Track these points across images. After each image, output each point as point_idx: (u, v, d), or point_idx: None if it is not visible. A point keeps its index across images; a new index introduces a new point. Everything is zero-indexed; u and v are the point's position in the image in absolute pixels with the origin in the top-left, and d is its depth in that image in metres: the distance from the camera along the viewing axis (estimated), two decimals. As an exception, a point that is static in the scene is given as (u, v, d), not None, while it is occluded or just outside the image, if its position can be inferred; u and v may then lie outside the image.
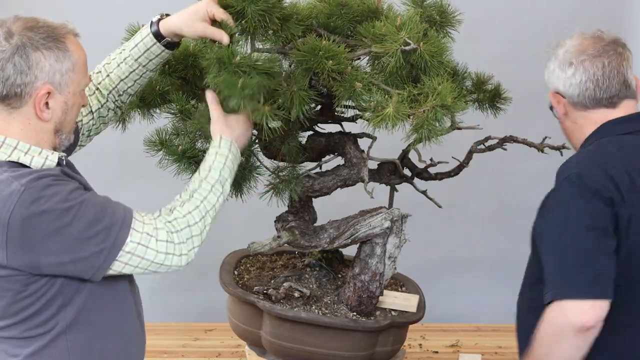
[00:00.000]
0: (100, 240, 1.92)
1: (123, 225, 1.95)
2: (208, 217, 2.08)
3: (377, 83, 2.33)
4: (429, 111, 2.20)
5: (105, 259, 1.94)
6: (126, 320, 2.12)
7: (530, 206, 4.22)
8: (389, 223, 2.57)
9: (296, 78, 2.33)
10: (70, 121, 2.04)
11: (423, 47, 2.26)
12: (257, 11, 2.25)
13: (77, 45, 2.01)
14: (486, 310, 4.26)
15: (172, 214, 2.05)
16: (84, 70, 2.03)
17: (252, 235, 2.68)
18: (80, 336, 2.01)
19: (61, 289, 1.96)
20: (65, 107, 1.99)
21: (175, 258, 2.02)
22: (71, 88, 1.98)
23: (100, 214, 1.93)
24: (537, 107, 4.15)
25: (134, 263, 1.98)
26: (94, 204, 1.94)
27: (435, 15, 2.51)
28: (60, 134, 2.02)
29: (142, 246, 1.97)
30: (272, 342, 2.59)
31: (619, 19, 4.11)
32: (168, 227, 2.01)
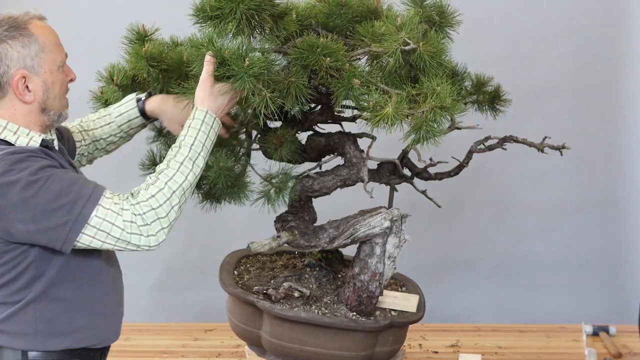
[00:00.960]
0: (65, 213, 2.04)
1: (89, 200, 2.06)
2: (175, 197, 2.14)
3: (375, 82, 2.33)
4: (428, 112, 2.21)
5: (70, 231, 2.05)
6: (98, 296, 2.23)
7: (530, 206, 4.27)
8: (389, 223, 2.57)
9: (295, 75, 2.34)
10: (56, 98, 2.17)
11: (423, 47, 2.26)
12: (245, 11, 2.26)
13: (42, 27, 2.15)
14: (486, 310, 4.26)
15: (138, 197, 2.12)
16: (56, 48, 2.16)
17: (252, 235, 2.68)
18: (49, 307, 2.15)
19: (35, 261, 2.10)
20: (45, 87, 2.14)
21: (143, 238, 2.10)
22: (46, 67, 2.13)
23: (66, 189, 2.05)
24: (536, 107, 4.17)
25: (101, 238, 2.08)
26: (61, 179, 2.06)
27: (434, 15, 2.51)
28: (47, 112, 2.17)
29: (108, 222, 2.07)
30: (271, 342, 2.59)
31: (618, 18, 4.11)
32: (133, 209, 2.09)
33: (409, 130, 2.24)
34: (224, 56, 2.24)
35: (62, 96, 2.21)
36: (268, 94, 2.24)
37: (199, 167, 2.21)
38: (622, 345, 3.39)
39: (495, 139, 2.71)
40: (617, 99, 4.18)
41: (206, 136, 2.24)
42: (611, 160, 4.21)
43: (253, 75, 2.21)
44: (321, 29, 2.50)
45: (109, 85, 2.62)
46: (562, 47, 4.14)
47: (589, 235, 4.24)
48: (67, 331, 2.18)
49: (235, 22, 2.26)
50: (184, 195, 2.16)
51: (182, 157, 2.19)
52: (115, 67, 2.60)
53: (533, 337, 3.52)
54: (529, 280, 4.28)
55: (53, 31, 2.18)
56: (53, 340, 2.17)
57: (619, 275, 4.26)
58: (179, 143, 2.21)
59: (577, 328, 3.58)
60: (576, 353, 3.34)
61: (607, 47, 4.12)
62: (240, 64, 2.21)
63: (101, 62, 2.63)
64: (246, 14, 2.26)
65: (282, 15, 2.39)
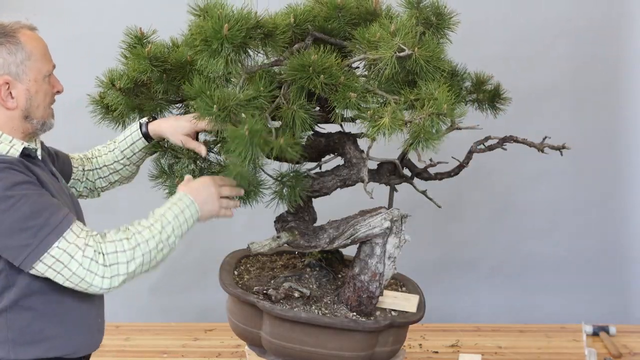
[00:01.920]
0: (29, 236, 2.04)
1: (55, 230, 2.05)
2: (139, 253, 2.13)
3: (373, 89, 2.33)
4: (425, 119, 2.20)
5: (29, 255, 2.05)
6: (71, 307, 2.22)
7: (530, 206, 4.28)
8: (389, 223, 2.57)
9: (293, 97, 2.35)
10: (39, 107, 2.19)
11: (418, 52, 2.25)
12: (232, 48, 2.26)
13: (31, 37, 2.17)
14: (486, 310, 4.27)
15: (106, 237, 2.13)
16: (43, 58, 2.19)
17: (252, 236, 2.69)
18: (20, 316, 2.15)
19: (4, 270, 2.11)
20: (28, 94, 2.17)
21: (97, 278, 2.08)
22: (31, 76, 2.16)
23: (36, 213, 2.05)
24: (536, 107, 4.18)
25: (57, 268, 2.07)
26: (34, 201, 2.06)
27: (431, 17, 2.50)
28: (30, 119, 2.19)
29: (68, 255, 2.06)
30: (272, 342, 2.59)
31: (616, 19, 4.12)
32: (97, 247, 2.09)
33: (408, 138, 2.24)
34: None
35: (47, 106, 2.23)
36: (282, 141, 2.24)
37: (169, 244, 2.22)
38: (622, 345, 3.39)
39: (495, 139, 2.71)
40: (617, 99, 4.18)
41: (186, 229, 2.28)
42: (611, 161, 4.22)
43: (258, 144, 2.20)
44: (318, 33, 2.49)
45: (109, 90, 2.61)
46: (561, 48, 4.14)
47: (589, 235, 4.25)
48: (38, 340, 2.18)
49: (224, 59, 2.27)
50: (146, 261, 2.15)
51: (160, 229, 2.19)
52: (115, 71, 2.58)
53: (533, 337, 3.52)
54: (529, 280, 4.28)
55: (42, 41, 2.21)
56: (24, 349, 2.17)
57: (619, 275, 4.26)
58: (160, 217, 2.21)
59: (577, 328, 3.58)
60: (576, 353, 3.34)
61: (606, 47, 4.13)
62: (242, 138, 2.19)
63: (100, 64, 2.61)
64: (230, 49, 2.27)
65: (270, 33, 2.39)
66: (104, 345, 3.34)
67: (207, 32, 2.25)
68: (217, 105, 2.25)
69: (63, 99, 2.38)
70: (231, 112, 2.26)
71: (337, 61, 2.36)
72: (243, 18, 2.28)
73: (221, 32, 2.23)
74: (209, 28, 2.25)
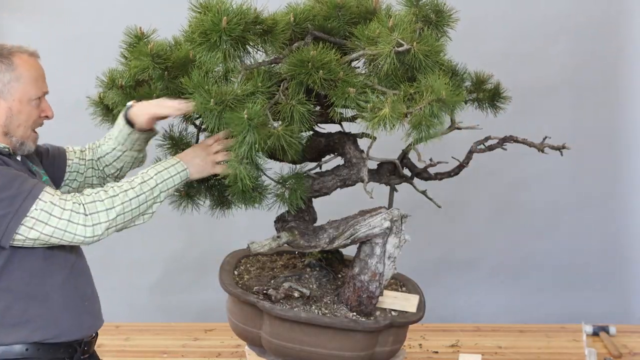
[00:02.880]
0: (5, 206, 2.16)
1: (29, 195, 2.19)
2: (117, 199, 2.26)
3: (372, 85, 2.33)
4: (426, 107, 2.21)
5: (9, 223, 2.17)
6: (52, 286, 2.30)
7: (530, 206, 4.27)
8: (389, 223, 2.57)
9: (291, 92, 2.35)
10: (19, 127, 2.30)
11: (417, 47, 2.26)
12: (230, 41, 2.28)
13: (27, 62, 2.30)
14: (486, 310, 4.27)
15: (85, 191, 2.28)
16: (33, 83, 2.30)
17: (253, 236, 2.68)
18: (1, 298, 2.24)
19: None
20: (9, 112, 2.29)
21: (79, 227, 2.21)
22: (15, 96, 2.28)
23: (8, 184, 2.18)
24: (536, 106, 4.17)
25: (38, 228, 2.19)
26: (3, 174, 2.19)
27: (431, 14, 2.50)
28: (10, 136, 2.30)
29: (46, 212, 2.19)
30: (271, 342, 2.59)
31: (616, 17, 4.11)
32: (76, 199, 2.24)
33: (410, 129, 2.24)
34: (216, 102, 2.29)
35: (28, 127, 2.33)
36: (280, 129, 2.28)
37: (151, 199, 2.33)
38: (622, 345, 3.39)
39: (495, 139, 2.71)
40: (617, 97, 4.18)
41: (172, 184, 2.38)
42: (611, 160, 4.22)
43: (256, 128, 2.25)
44: (317, 32, 2.50)
45: (109, 90, 2.61)
46: (561, 45, 4.14)
47: (589, 235, 4.25)
48: (20, 322, 2.26)
49: (222, 53, 2.29)
50: (127, 210, 2.27)
51: (140, 182, 2.32)
52: (116, 71, 2.59)
53: (533, 337, 3.52)
54: (529, 280, 4.28)
55: (38, 67, 2.32)
56: (7, 331, 2.25)
57: (619, 275, 4.26)
58: (141, 174, 2.35)
59: (577, 328, 3.58)
60: (576, 353, 3.34)
61: (605, 45, 4.13)
62: (242, 120, 2.24)
63: (100, 64, 2.62)
64: (229, 43, 2.28)
65: (270, 30, 2.40)
66: (104, 345, 3.35)
67: (206, 25, 2.27)
68: (214, 99, 2.27)
69: (63, 99, 2.39)
70: (228, 106, 2.28)
71: (337, 57, 2.36)
72: (242, 12, 2.30)
73: (220, 25, 2.25)
74: (208, 21, 2.27)
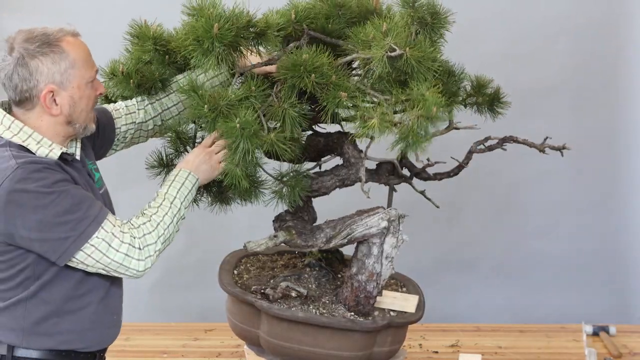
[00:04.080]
0: (69, 229, 2.14)
1: (94, 221, 2.17)
2: (160, 229, 2.28)
3: (364, 89, 2.34)
4: (414, 121, 2.21)
5: (69, 247, 2.15)
6: (88, 304, 2.30)
7: (530, 206, 4.27)
8: (386, 223, 2.57)
9: (284, 96, 2.36)
10: (82, 112, 2.26)
11: (409, 52, 2.26)
12: (222, 47, 2.28)
13: (74, 44, 2.22)
14: (486, 310, 4.26)
15: (134, 222, 2.27)
16: (86, 64, 2.24)
17: (253, 235, 2.69)
18: (38, 308, 2.23)
19: (32, 264, 2.19)
20: (72, 101, 2.22)
21: (134, 262, 2.22)
22: (74, 83, 2.22)
23: (76, 207, 2.15)
24: (536, 107, 4.17)
25: (96, 257, 2.19)
26: (73, 195, 2.16)
27: (427, 16, 2.49)
28: (73, 124, 2.26)
29: (106, 243, 2.18)
30: (269, 341, 2.59)
31: (616, 18, 4.11)
32: (131, 233, 2.23)
33: (396, 140, 2.25)
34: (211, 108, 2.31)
35: (90, 110, 2.30)
36: (272, 136, 2.30)
37: (181, 216, 2.35)
38: (622, 345, 3.39)
39: (495, 139, 2.71)
40: (617, 98, 4.18)
41: (191, 197, 2.41)
42: (611, 160, 4.21)
43: (248, 137, 2.27)
44: (314, 32, 2.50)
45: (110, 80, 2.63)
46: (561, 46, 4.14)
47: (589, 235, 4.24)
48: (51, 333, 2.26)
49: (214, 58, 2.30)
50: (167, 236, 2.30)
51: (170, 205, 2.33)
52: (118, 61, 2.61)
53: (533, 337, 3.52)
54: (529, 280, 4.28)
55: (85, 47, 2.26)
56: (36, 339, 2.25)
57: (619, 275, 4.26)
58: (166, 196, 2.35)
59: (577, 328, 3.58)
60: (576, 353, 3.34)
61: (605, 45, 4.12)
62: (234, 130, 2.26)
63: (100, 64, 2.63)
64: (220, 49, 2.29)
65: (263, 32, 2.40)
66: (104, 345, 3.36)
67: (199, 32, 2.28)
68: (208, 105, 2.28)
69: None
70: (221, 112, 2.29)
71: (329, 60, 2.37)
72: (234, 17, 2.30)
73: (211, 32, 2.25)
74: (200, 27, 2.27)
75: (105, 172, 2.93)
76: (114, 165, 3.30)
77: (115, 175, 3.99)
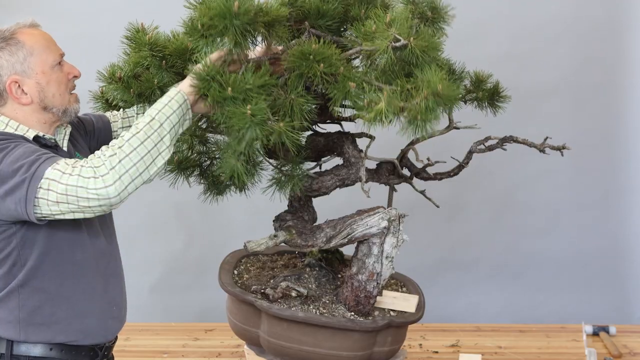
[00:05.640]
0: (24, 171, 2.13)
1: (46, 161, 2.15)
2: (127, 146, 2.13)
3: (370, 80, 2.33)
4: (422, 101, 2.20)
5: (28, 187, 2.12)
6: (84, 292, 2.31)
7: (530, 206, 4.27)
8: (386, 223, 2.57)
9: (291, 85, 2.35)
10: (55, 96, 2.28)
11: (413, 42, 2.26)
12: (239, 26, 2.25)
13: (30, 34, 2.27)
14: (486, 310, 4.26)
15: (97, 153, 2.16)
16: (46, 50, 2.27)
17: (252, 235, 2.69)
18: (32, 297, 2.25)
19: (16, 247, 2.22)
20: (39, 87, 2.26)
21: (90, 181, 2.08)
22: (37, 69, 2.25)
23: (27, 154, 2.16)
24: (536, 106, 4.17)
25: (54, 188, 2.10)
26: (26, 147, 2.19)
27: (427, 11, 2.50)
28: (49, 109, 2.29)
29: (58, 171, 2.11)
30: (270, 341, 2.59)
31: (618, 19, 4.11)
32: (90, 163, 2.12)
33: (406, 123, 2.23)
34: None
35: (63, 92, 2.31)
36: (282, 125, 2.25)
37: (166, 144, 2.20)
38: (622, 345, 3.39)
39: (495, 139, 2.71)
40: (617, 98, 4.18)
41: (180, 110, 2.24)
42: (610, 160, 4.21)
43: (258, 124, 2.23)
44: (315, 30, 2.49)
45: (109, 84, 2.63)
46: (562, 47, 4.14)
47: (589, 234, 4.24)
48: (48, 322, 2.27)
49: (231, 39, 2.26)
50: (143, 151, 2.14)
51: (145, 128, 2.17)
52: (116, 65, 2.61)
53: (533, 337, 3.52)
54: (529, 280, 4.28)
55: (43, 34, 2.30)
56: (34, 330, 2.26)
57: (619, 275, 4.26)
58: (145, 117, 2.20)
59: (577, 328, 3.58)
60: (576, 353, 3.34)
61: (606, 46, 4.12)
62: (244, 116, 2.20)
63: (100, 64, 2.63)
64: (240, 28, 2.26)
65: (275, 22, 2.39)
66: (104, 345, 3.36)
67: (215, 11, 2.20)
68: (232, 88, 2.23)
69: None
70: (246, 96, 2.23)
71: (337, 52, 2.36)
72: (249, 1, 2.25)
73: (231, 10, 2.20)
74: (216, 6, 2.20)
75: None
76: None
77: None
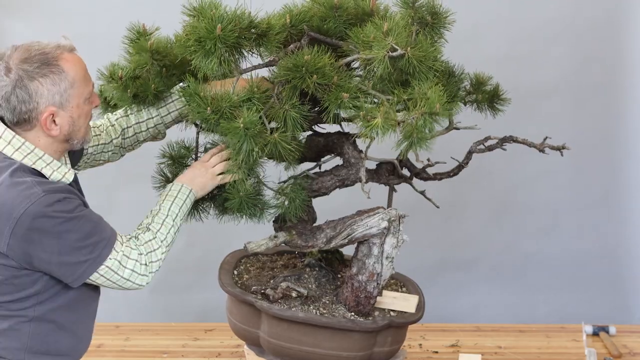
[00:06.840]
0: (88, 252, 2.19)
1: (108, 243, 2.23)
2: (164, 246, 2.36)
3: (366, 89, 2.34)
4: (418, 118, 2.21)
5: (86, 269, 2.21)
6: (82, 323, 2.38)
7: (530, 206, 4.27)
8: (386, 223, 2.57)
9: (285, 96, 2.36)
10: (80, 128, 2.26)
11: (411, 52, 2.26)
12: (225, 48, 2.28)
13: (72, 62, 2.21)
14: (486, 310, 4.26)
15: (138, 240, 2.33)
16: (84, 81, 2.23)
17: (253, 235, 2.69)
18: (42, 328, 2.27)
19: (42, 289, 2.23)
20: (71, 121, 2.22)
21: (139, 277, 2.29)
22: (74, 102, 2.21)
23: (93, 230, 2.21)
24: (536, 106, 4.17)
25: (108, 276, 2.25)
26: (90, 220, 2.22)
27: (427, 16, 2.50)
28: (71, 140, 2.27)
29: (118, 262, 2.25)
30: (270, 342, 2.59)
31: (618, 19, 4.11)
32: (139, 249, 2.30)
33: (401, 138, 2.25)
34: None
35: (87, 125, 2.30)
36: (276, 136, 2.32)
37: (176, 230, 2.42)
38: (622, 345, 3.39)
39: (495, 139, 2.71)
40: (617, 98, 4.17)
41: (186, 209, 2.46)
42: (610, 160, 4.21)
43: (252, 136, 2.28)
44: (314, 33, 2.49)
45: (109, 83, 2.63)
46: (562, 47, 4.13)
47: (589, 234, 4.24)
48: (51, 351, 2.30)
49: (217, 59, 2.29)
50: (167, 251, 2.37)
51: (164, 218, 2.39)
52: (117, 65, 2.60)
53: (533, 337, 3.51)
54: (529, 280, 4.28)
55: (82, 64, 2.24)
56: (37, 357, 2.28)
57: (619, 275, 4.26)
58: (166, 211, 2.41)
59: (577, 328, 3.57)
60: (576, 353, 3.33)
61: (606, 46, 4.12)
62: (238, 130, 2.27)
63: (100, 65, 2.63)
64: (226, 48, 2.29)
65: (265, 34, 2.40)
66: (104, 345, 3.35)
67: (201, 33, 2.27)
68: (211, 107, 2.28)
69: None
70: (224, 114, 2.29)
71: (331, 61, 2.37)
72: (236, 18, 2.30)
73: (214, 33, 2.25)
74: (202, 28, 2.27)
75: (106, 171, 2.94)
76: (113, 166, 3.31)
77: (114, 175, 4.00)
